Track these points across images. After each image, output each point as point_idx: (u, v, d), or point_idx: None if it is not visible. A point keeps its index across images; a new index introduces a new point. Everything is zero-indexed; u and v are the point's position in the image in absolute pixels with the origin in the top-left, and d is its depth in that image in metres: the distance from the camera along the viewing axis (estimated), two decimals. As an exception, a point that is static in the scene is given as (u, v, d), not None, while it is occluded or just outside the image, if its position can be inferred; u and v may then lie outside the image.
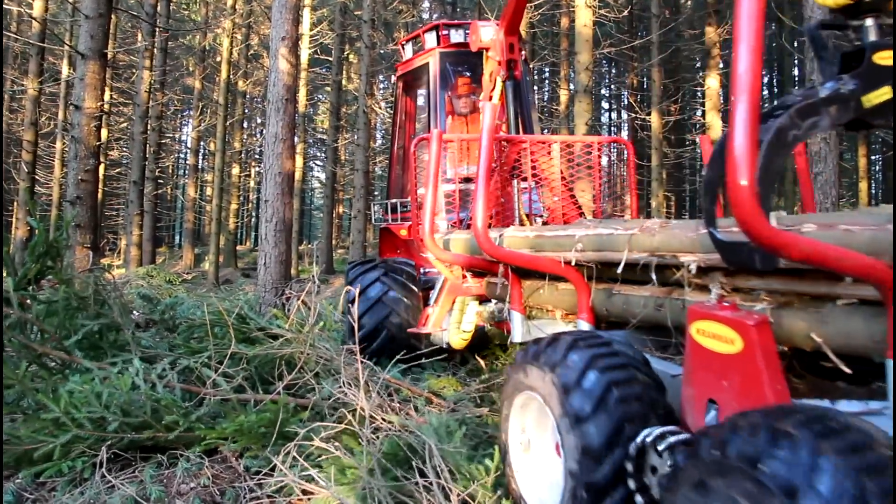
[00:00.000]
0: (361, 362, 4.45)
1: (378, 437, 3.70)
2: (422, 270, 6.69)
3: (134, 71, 25.23)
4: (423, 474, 3.28)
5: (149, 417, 3.82)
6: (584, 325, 3.61)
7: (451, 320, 5.67)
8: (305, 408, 4.29)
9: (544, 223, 5.76)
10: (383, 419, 3.98)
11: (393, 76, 8.42)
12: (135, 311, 9.28)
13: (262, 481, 3.59)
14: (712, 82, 18.99)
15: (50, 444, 3.68)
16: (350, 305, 6.28)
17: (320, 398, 4.37)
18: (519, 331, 4.31)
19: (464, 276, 5.38)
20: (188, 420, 3.92)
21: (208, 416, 4.12)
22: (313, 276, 5.90)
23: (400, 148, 8.31)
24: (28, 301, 4.56)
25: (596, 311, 3.64)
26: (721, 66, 19.41)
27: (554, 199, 5.80)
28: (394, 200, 7.67)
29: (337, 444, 3.58)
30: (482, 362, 6.23)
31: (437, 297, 5.54)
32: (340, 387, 4.36)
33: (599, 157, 5.91)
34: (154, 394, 3.95)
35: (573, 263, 3.57)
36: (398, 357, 5.35)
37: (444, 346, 5.88)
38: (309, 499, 3.26)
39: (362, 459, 3.37)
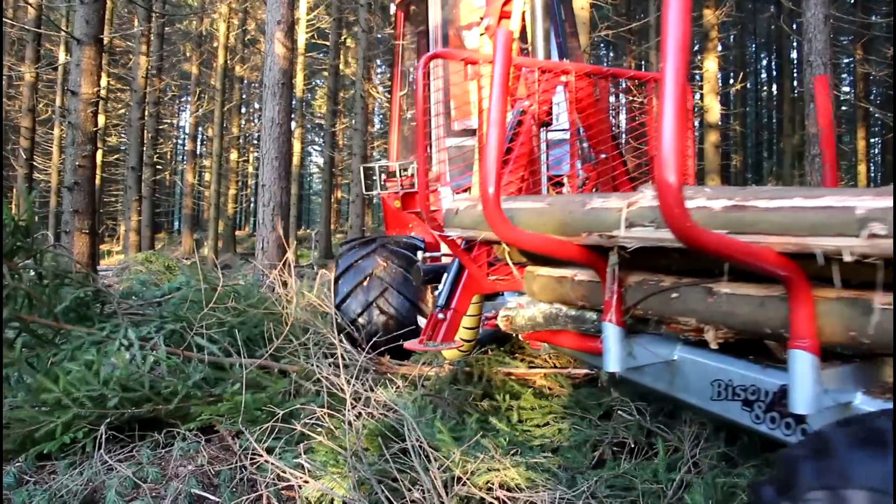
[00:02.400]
0: (340, 342, 4.43)
1: (360, 417, 3.74)
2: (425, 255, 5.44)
3: (131, 56, 25.15)
4: (404, 451, 3.33)
5: (147, 391, 3.89)
6: (804, 358, 2.15)
7: None
8: (285, 373, 4.39)
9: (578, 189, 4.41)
10: (356, 401, 3.99)
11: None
12: (133, 297, 9.31)
13: (257, 462, 3.62)
14: (710, 65, 18.95)
15: (52, 423, 3.73)
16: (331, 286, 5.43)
17: (302, 374, 4.43)
18: (616, 354, 2.77)
19: (495, 266, 3.81)
20: (186, 385, 4.00)
21: (204, 382, 4.21)
22: (312, 262, 5.90)
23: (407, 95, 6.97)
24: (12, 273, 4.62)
25: (825, 336, 2.18)
26: (719, 48, 19.37)
27: (602, 157, 4.31)
28: (392, 163, 6.42)
29: (320, 428, 3.63)
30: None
31: (450, 295, 3.84)
32: (320, 366, 4.42)
33: (650, 97, 4.47)
34: (152, 357, 4.03)
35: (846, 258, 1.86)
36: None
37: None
38: (300, 486, 3.29)
39: (345, 443, 3.40)
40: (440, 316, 3.81)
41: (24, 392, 4.06)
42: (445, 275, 3.91)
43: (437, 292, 3.85)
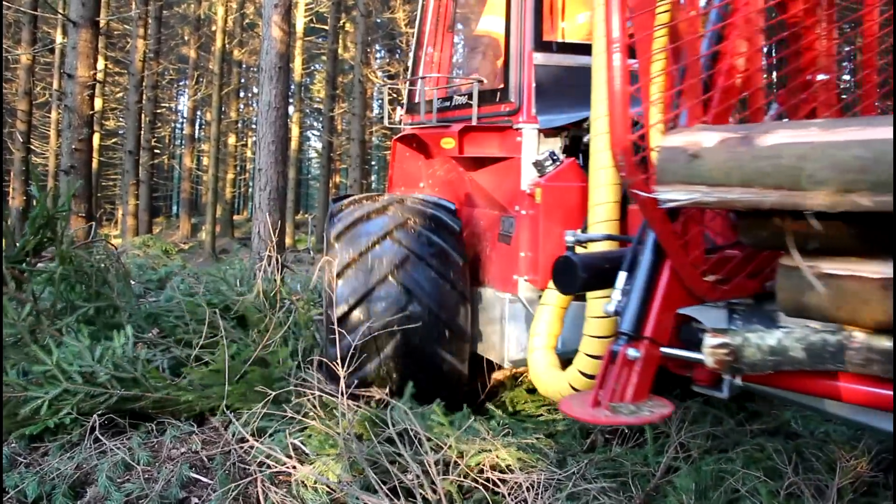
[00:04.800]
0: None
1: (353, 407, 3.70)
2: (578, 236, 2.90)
3: (128, 40, 25.05)
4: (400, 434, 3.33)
5: (139, 374, 3.89)
6: None
7: (538, 334, 3.23)
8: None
9: None
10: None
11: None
12: (132, 281, 9.32)
13: (247, 447, 3.62)
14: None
15: (38, 398, 3.72)
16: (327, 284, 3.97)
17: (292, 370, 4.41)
18: None
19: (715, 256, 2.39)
20: (174, 387, 3.99)
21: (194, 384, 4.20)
22: (308, 247, 5.76)
23: None
24: (24, 275, 4.58)
25: None
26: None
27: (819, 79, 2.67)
28: (434, 79, 4.73)
29: (313, 413, 3.62)
30: None
31: (642, 312, 2.30)
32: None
33: None
34: (141, 356, 4.02)
35: None
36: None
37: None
38: (294, 467, 3.29)
39: (338, 428, 3.39)
40: (630, 353, 2.24)
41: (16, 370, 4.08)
42: (625, 275, 2.39)
43: (607, 307, 2.37)
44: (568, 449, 3.57)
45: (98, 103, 18.52)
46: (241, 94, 34.73)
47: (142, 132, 23.02)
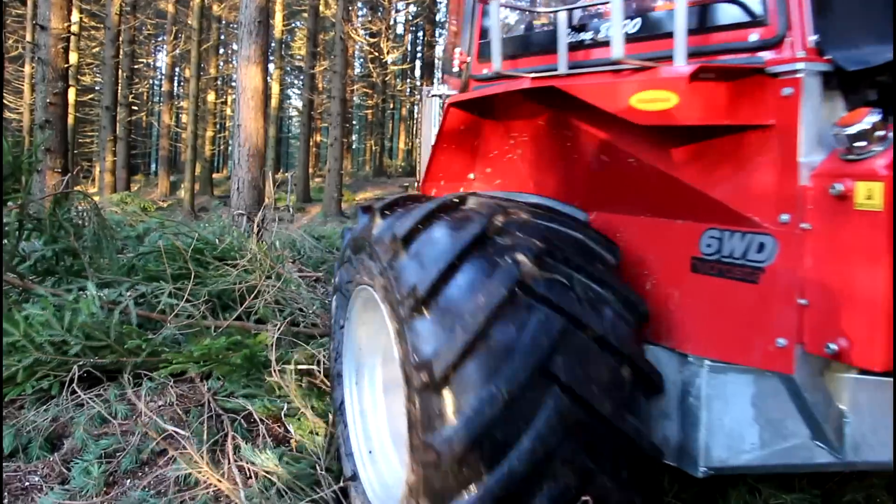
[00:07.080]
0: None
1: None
2: None
3: (104, -8, 24.54)
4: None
5: (112, 341, 3.84)
6: None
7: None
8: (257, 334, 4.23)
9: None
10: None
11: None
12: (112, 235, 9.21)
13: (224, 403, 3.62)
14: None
15: (13, 367, 3.69)
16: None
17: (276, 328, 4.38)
18: None
19: None
20: (151, 344, 3.94)
21: (172, 340, 4.15)
22: (289, 206, 5.72)
23: None
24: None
25: None
26: None
27: None
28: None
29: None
30: None
31: None
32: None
33: None
34: (113, 321, 3.95)
35: None
36: None
37: None
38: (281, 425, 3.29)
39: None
40: None
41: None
42: None
43: None
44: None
45: (73, 57, 18.18)
46: (221, 51, 34.28)
47: (119, 88, 22.68)
